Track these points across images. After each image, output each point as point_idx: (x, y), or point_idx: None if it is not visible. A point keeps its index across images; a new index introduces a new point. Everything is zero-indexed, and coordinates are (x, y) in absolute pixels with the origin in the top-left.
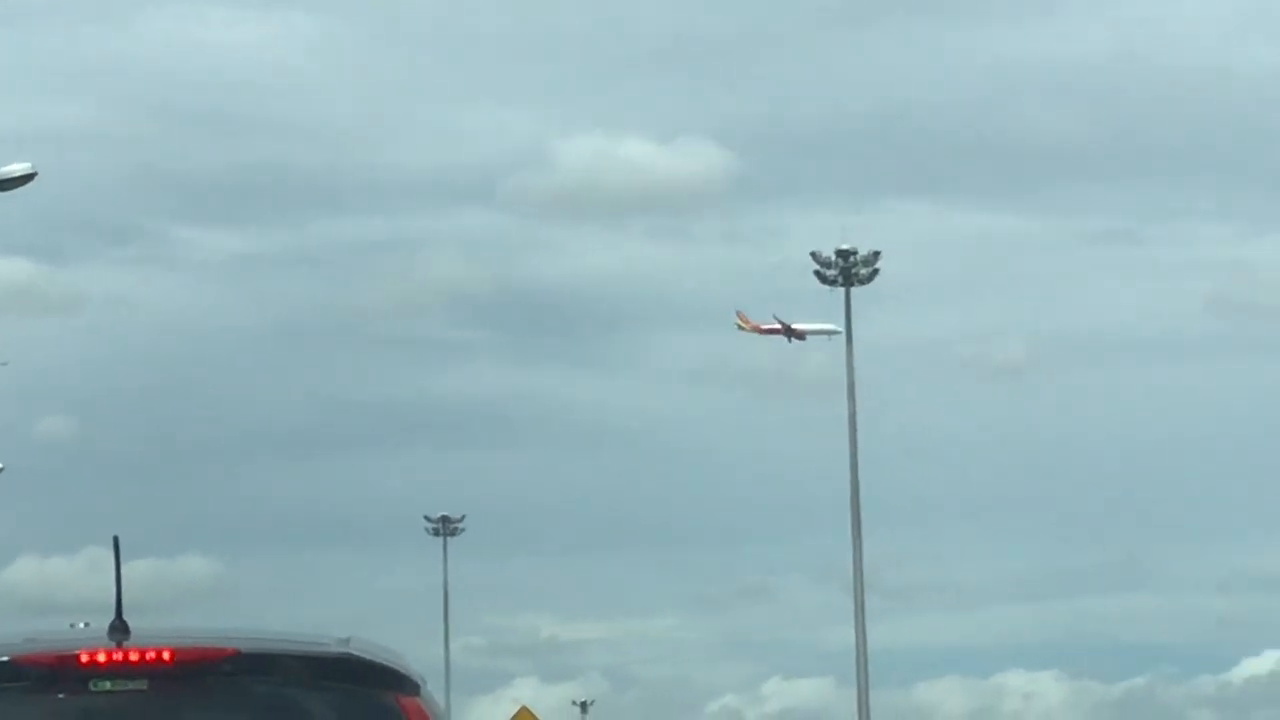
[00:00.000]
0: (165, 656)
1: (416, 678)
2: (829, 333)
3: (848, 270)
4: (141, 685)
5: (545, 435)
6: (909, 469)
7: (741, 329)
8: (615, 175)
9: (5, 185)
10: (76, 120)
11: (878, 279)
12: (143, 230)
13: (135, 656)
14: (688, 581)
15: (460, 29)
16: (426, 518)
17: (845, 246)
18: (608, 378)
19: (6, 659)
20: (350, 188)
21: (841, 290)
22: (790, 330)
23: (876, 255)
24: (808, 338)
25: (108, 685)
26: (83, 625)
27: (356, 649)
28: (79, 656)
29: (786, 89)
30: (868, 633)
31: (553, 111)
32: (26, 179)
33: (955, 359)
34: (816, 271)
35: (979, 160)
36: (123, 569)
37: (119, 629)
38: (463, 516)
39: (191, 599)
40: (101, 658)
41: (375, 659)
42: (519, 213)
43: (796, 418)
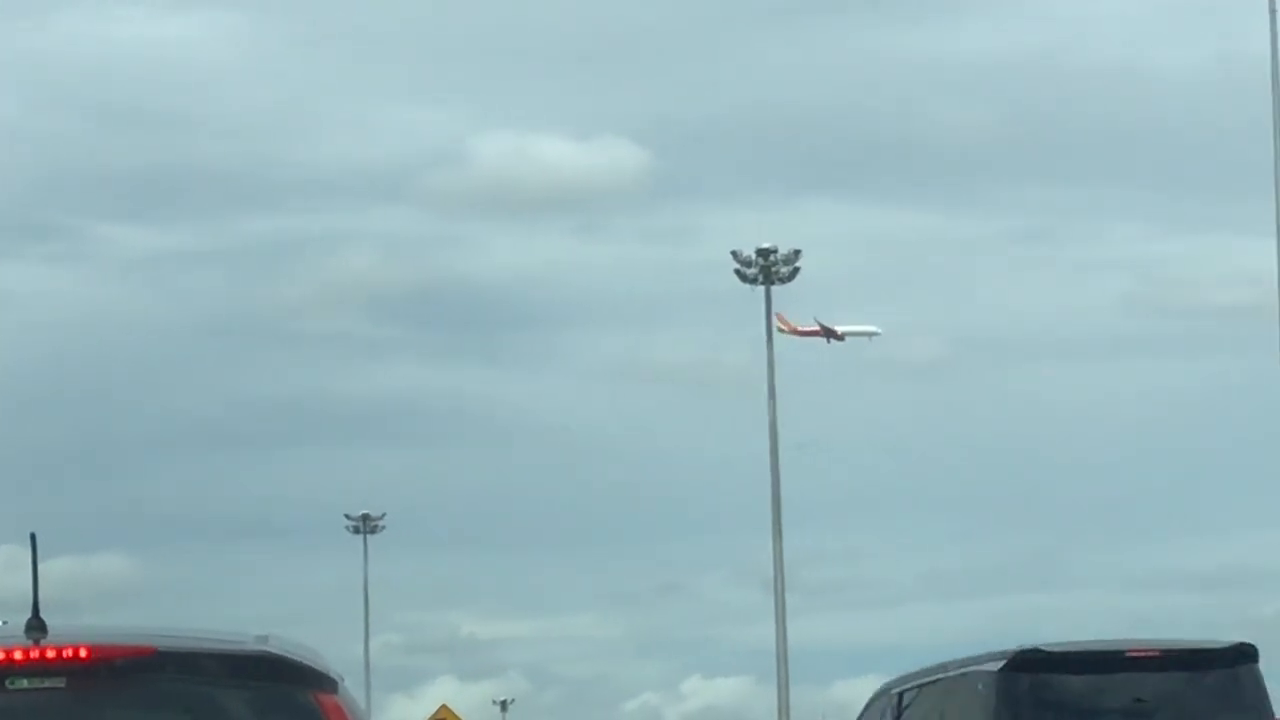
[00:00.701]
0: (82, 654)
1: (334, 675)
2: (869, 334)
3: (768, 269)
4: (59, 683)
5: (465, 433)
6: (829, 467)
7: (781, 331)
8: (532, 173)
9: None
10: None
11: (798, 278)
12: (60, 227)
13: (52, 654)
14: (607, 579)
15: (378, 26)
16: (347, 516)
17: (766, 245)
18: (527, 376)
19: None
20: (268, 184)
21: (762, 289)
22: (830, 332)
23: (797, 254)
24: (847, 339)
25: (24, 683)
26: (0, 623)
27: (274, 647)
28: None
29: (704, 87)
30: (788, 631)
31: (469, 109)
32: None
33: (875, 358)
34: (737, 270)
35: (898, 158)
36: (40, 567)
37: (36, 627)
38: (383, 514)
39: (110, 597)
40: (18, 655)
41: (293, 657)
42: (436, 210)
43: (716, 416)
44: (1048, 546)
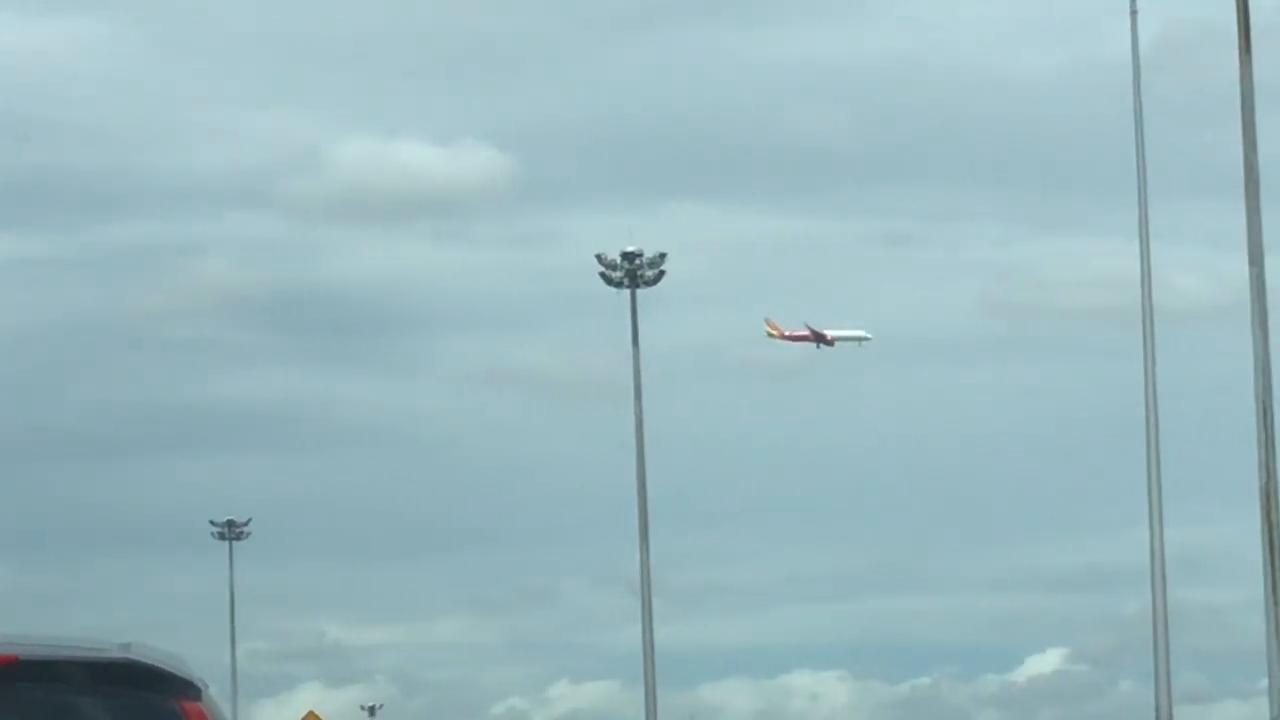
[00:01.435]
0: None
1: (198, 682)
2: (859, 339)
3: (633, 272)
4: None
5: (330, 439)
6: (695, 471)
7: (771, 336)
8: (394, 178)
9: None
10: None
11: (663, 281)
12: None
13: None
14: (474, 585)
15: (239, 34)
16: (212, 522)
17: (631, 248)
18: (392, 381)
19: None
20: (130, 191)
21: (627, 292)
22: (820, 336)
23: (662, 257)
24: (836, 344)
25: None
26: None
27: (137, 654)
28: None
29: (565, 92)
30: (655, 634)
31: (329, 115)
32: None
33: (741, 360)
34: (602, 274)
35: (761, 162)
36: None
37: None
38: (248, 520)
39: None
40: None
41: (156, 664)
42: (298, 216)
43: (581, 420)
44: (910, 548)
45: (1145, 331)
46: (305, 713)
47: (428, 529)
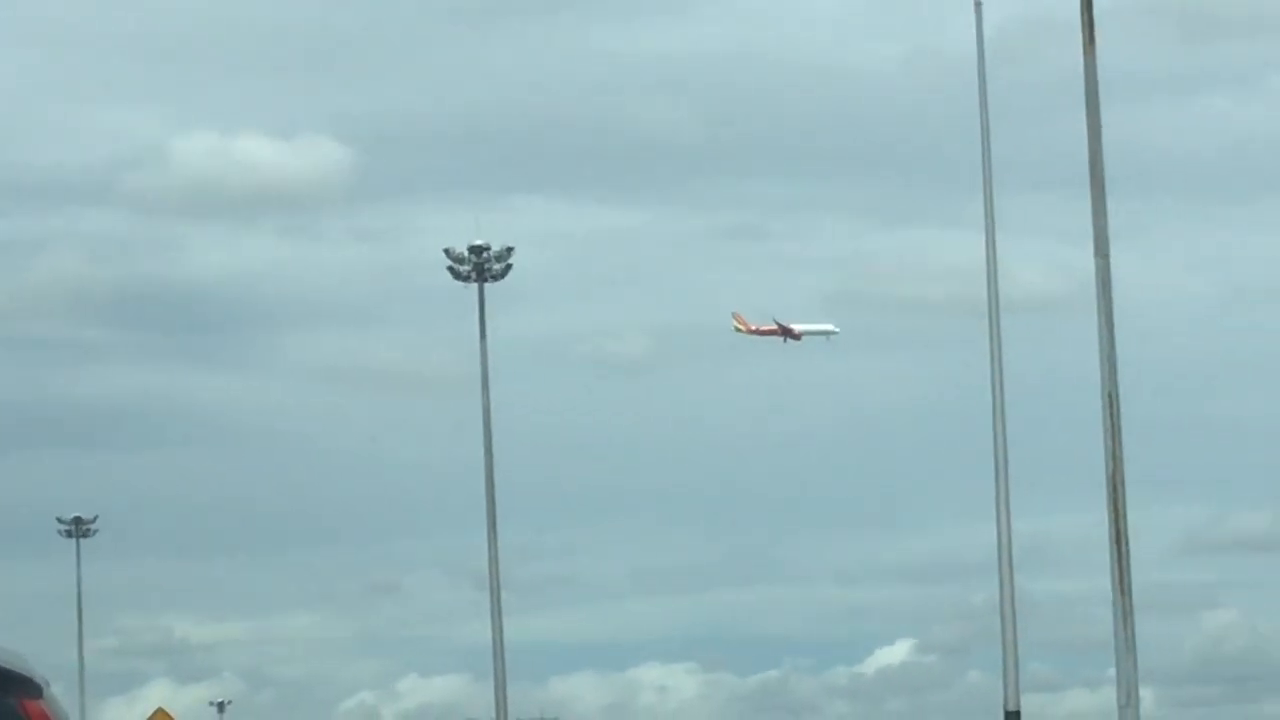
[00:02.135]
0: None
1: (40, 680)
2: (826, 333)
3: (481, 266)
4: None
5: (177, 435)
6: (543, 465)
7: (739, 331)
8: (237, 173)
9: None
10: None
11: (511, 275)
12: None
13: None
14: (322, 580)
15: (80, 30)
16: (59, 519)
17: (478, 242)
18: (239, 377)
19: None
20: None
21: (475, 286)
22: (787, 331)
23: (509, 251)
24: (804, 338)
25: None
26: None
27: None
28: None
29: (408, 86)
30: (504, 628)
31: (170, 110)
32: None
33: (588, 353)
34: (450, 268)
35: (609, 156)
36: None
37: None
38: (95, 518)
39: None
40: None
41: None
42: (143, 212)
43: (429, 415)
44: (759, 541)
45: (991, 323)
46: (154, 710)
47: (276, 525)
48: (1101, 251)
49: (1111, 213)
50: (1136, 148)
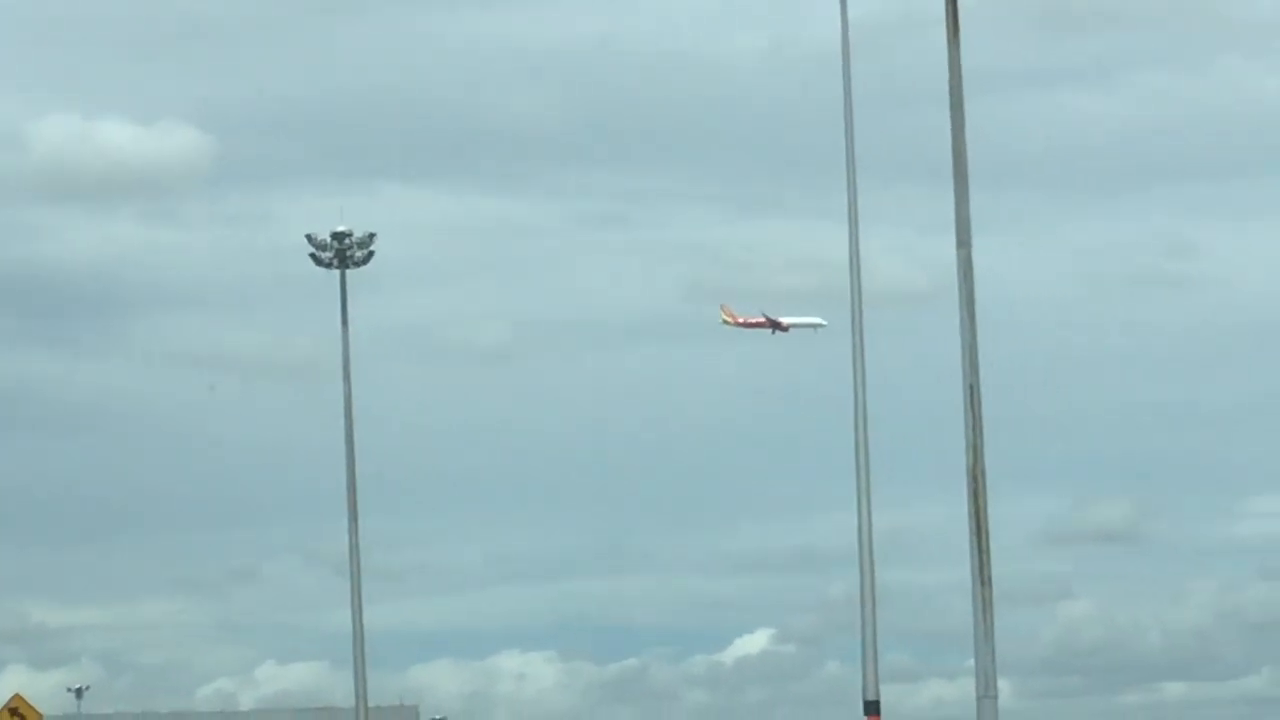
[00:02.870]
0: None
1: None
2: (814, 325)
3: (343, 253)
4: None
5: (34, 420)
6: (404, 452)
7: (726, 323)
8: (96, 158)
9: None
10: None
11: (373, 262)
12: None
13: None
14: (180, 566)
15: None
16: None
17: (340, 229)
18: (98, 363)
19: None
20: None
21: (337, 273)
22: (775, 323)
23: (372, 238)
24: (791, 330)
25: None
26: None
27: None
28: None
29: (270, 73)
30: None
31: (30, 94)
32: None
33: (450, 342)
34: (312, 254)
35: (469, 144)
36: None
37: None
38: None
39: None
40: None
41: None
42: (1, 195)
43: (290, 401)
44: (619, 530)
45: (854, 314)
46: (11, 696)
47: (135, 511)
48: (963, 243)
49: (973, 205)
50: (998, 141)
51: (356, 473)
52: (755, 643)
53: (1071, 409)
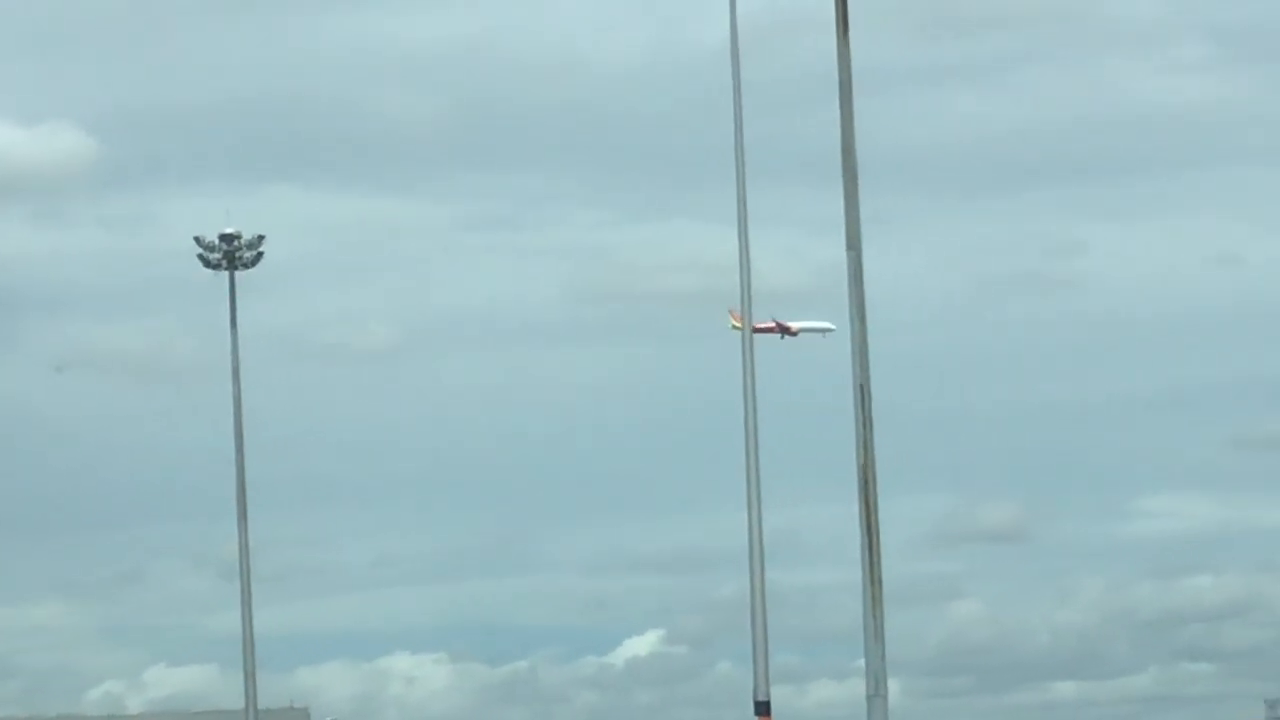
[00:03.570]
0: None
1: None
2: (823, 330)
3: (232, 254)
4: None
5: None
6: (291, 454)
7: (735, 328)
8: None
9: None
10: None
11: (262, 263)
12: None
13: None
14: (67, 569)
15: None
16: None
17: (229, 230)
18: None
19: None
20: None
21: (226, 274)
22: (784, 329)
23: (260, 239)
24: (800, 334)
25: None
26: None
27: None
28: None
29: (157, 75)
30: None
31: None
32: None
33: (339, 343)
34: (200, 256)
35: (361, 146)
36: None
37: None
38: None
39: None
40: None
41: None
42: None
43: (179, 403)
44: (509, 531)
45: (744, 315)
46: None
47: (19, 512)
48: (853, 244)
49: (862, 205)
50: (886, 141)
51: (246, 475)
52: (645, 644)
53: (960, 409)
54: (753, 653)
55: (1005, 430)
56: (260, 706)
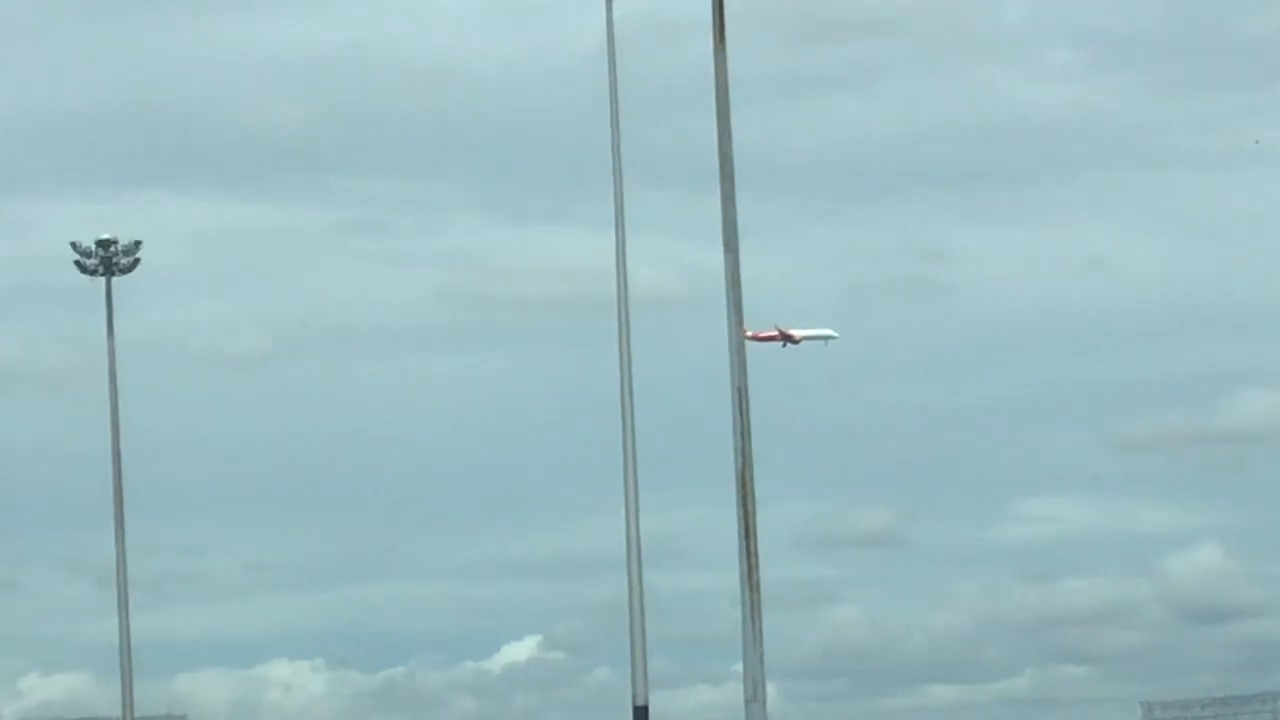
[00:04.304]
0: None
1: None
2: (825, 338)
3: (109, 260)
4: None
5: None
6: (165, 460)
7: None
8: None
9: None
10: None
11: (139, 269)
12: None
13: None
14: None
15: None
16: None
17: (106, 236)
18: None
19: None
20: None
21: (102, 280)
22: (786, 336)
23: (138, 245)
24: (802, 342)
25: None
26: None
27: None
28: None
29: (28, 80)
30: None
31: None
32: None
33: (213, 349)
34: (77, 261)
35: (232, 151)
36: None
37: None
38: None
39: None
40: None
41: None
42: None
43: (49, 409)
44: (384, 537)
45: (621, 320)
46: None
47: None
48: (731, 248)
49: (741, 210)
50: (760, 147)
51: (123, 481)
52: (523, 649)
53: (835, 413)
54: (631, 657)
55: (880, 435)
56: (137, 714)
